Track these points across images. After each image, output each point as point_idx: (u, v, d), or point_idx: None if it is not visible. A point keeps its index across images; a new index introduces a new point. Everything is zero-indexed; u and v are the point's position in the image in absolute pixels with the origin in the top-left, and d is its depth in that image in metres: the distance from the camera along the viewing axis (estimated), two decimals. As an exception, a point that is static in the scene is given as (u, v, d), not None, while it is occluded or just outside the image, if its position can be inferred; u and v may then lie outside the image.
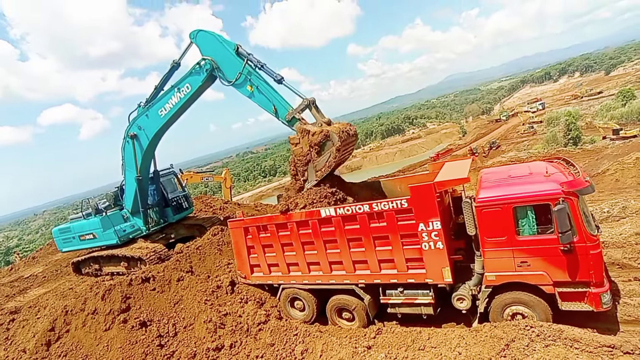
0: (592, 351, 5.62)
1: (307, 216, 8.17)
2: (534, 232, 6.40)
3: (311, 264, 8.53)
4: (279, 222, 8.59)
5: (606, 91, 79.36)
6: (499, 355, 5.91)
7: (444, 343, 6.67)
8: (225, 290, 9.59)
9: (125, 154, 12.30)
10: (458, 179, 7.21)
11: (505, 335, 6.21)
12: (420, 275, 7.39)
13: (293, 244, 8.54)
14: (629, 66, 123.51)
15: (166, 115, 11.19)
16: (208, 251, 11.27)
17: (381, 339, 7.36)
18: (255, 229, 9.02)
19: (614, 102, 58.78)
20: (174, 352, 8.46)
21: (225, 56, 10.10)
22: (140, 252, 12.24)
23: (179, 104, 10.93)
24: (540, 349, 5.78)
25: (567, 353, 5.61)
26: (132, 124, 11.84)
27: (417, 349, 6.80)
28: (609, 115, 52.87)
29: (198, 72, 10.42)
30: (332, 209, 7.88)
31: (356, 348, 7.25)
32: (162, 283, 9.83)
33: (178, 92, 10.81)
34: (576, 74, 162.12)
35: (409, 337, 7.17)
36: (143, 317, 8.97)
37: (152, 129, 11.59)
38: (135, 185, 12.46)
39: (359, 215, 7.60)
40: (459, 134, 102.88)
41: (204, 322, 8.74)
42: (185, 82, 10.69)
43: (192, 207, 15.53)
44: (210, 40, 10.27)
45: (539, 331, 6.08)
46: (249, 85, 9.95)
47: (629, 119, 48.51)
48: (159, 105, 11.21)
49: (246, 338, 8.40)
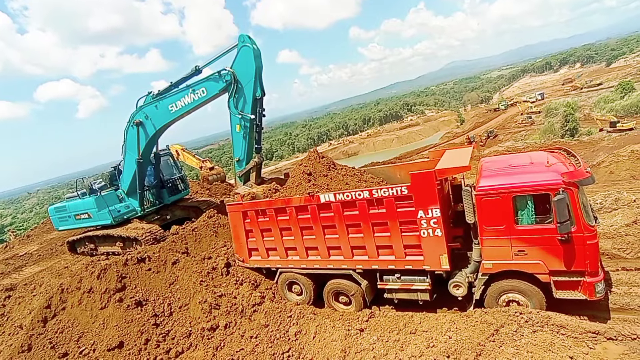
0: (577, 337, 5.78)
1: (307, 201, 8.16)
2: (532, 221, 6.43)
3: (309, 249, 8.56)
4: (278, 206, 8.59)
5: (606, 83, 79.08)
6: (488, 340, 6.06)
7: (435, 327, 6.82)
8: (221, 272, 9.68)
9: (127, 137, 12.20)
10: (459, 167, 7.18)
11: (495, 320, 6.36)
12: (418, 262, 7.45)
13: (292, 228, 8.53)
14: (630, 58, 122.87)
15: (176, 112, 11.15)
16: (204, 233, 11.31)
17: (374, 322, 7.51)
18: (254, 213, 8.99)
19: (613, 94, 58.67)
20: (169, 331, 8.60)
21: (247, 92, 10.06)
22: (136, 233, 12.26)
23: (191, 105, 10.85)
24: (529, 334, 5.93)
25: (554, 339, 5.76)
26: (139, 111, 11.71)
27: (408, 333, 6.95)
28: (607, 108, 52.83)
29: (217, 80, 10.27)
30: (331, 195, 7.87)
31: (349, 330, 7.40)
32: (157, 263, 9.90)
33: (193, 93, 10.69)
34: (577, 64, 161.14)
35: (401, 321, 7.32)
36: (138, 296, 9.07)
37: (160, 121, 11.55)
38: (135, 167, 12.40)
39: (358, 201, 7.58)
40: (457, 122, 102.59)
41: (199, 303, 8.85)
42: (202, 85, 10.54)
43: (188, 189, 15.49)
44: (249, 62, 9.91)
45: (528, 317, 6.22)
46: (239, 125, 10.29)
47: (627, 112, 48.56)
48: (171, 100, 11.10)
49: (241, 319, 8.54)
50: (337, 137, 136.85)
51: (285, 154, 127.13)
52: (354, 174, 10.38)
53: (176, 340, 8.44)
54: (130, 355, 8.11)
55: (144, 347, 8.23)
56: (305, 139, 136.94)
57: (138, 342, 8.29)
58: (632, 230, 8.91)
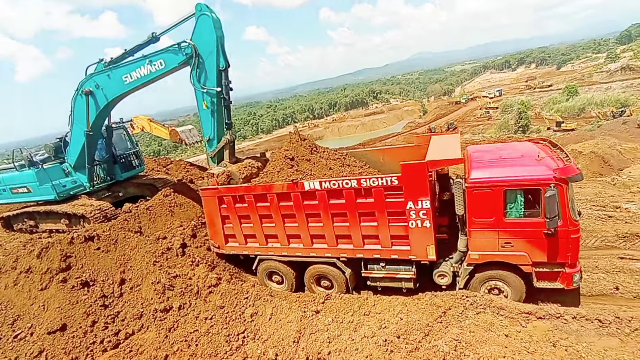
0: (513, 317, 6.36)
1: (289, 188, 7.82)
2: (520, 214, 6.55)
3: (291, 237, 8.30)
4: (258, 192, 8.21)
5: (555, 85, 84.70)
6: (436, 321, 6.45)
7: (387, 309, 7.12)
8: (176, 253, 9.38)
9: (75, 107, 11.20)
10: (451, 159, 7.11)
11: (444, 303, 6.77)
12: (404, 252, 7.41)
13: (272, 215, 8.21)
14: (576, 64, 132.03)
15: (131, 84, 10.26)
16: (159, 212, 10.85)
17: (329, 304, 7.69)
18: (231, 198, 8.56)
19: (560, 96, 63.23)
20: (119, 313, 8.25)
21: (210, 64, 9.36)
22: (84, 210, 11.47)
23: (147, 77, 10.01)
24: (472, 315, 6.40)
25: (494, 319, 6.28)
26: (89, 79, 10.72)
27: (362, 314, 7.21)
28: (555, 108, 56.99)
29: (176, 52, 9.48)
30: (317, 182, 7.58)
31: (305, 312, 7.53)
32: (107, 242, 9.38)
33: (150, 64, 9.83)
34: (532, 65, 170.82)
35: (356, 303, 7.55)
36: (85, 276, 8.57)
37: (112, 92, 10.63)
38: (84, 139, 11.46)
39: (345, 190, 7.37)
40: (420, 112, 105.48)
41: (152, 284, 8.55)
42: (160, 57, 9.70)
43: (143, 166, 14.69)
44: (209, 32, 9.20)
45: (473, 300, 6.70)
46: (205, 102, 9.61)
47: (571, 113, 52.74)
48: (125, 70, 10.20)
49: (196, 300, 8.38)
50: (303, 120, 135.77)
51: (249, 134, 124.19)
52: (337, 158, 10.08)
53: (126, 322, 8.13)
54: (74, 338, 7.69)
55: (90, 329, 7.84)
56: (270, 120, 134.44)
57: (84, 324, 7.87)
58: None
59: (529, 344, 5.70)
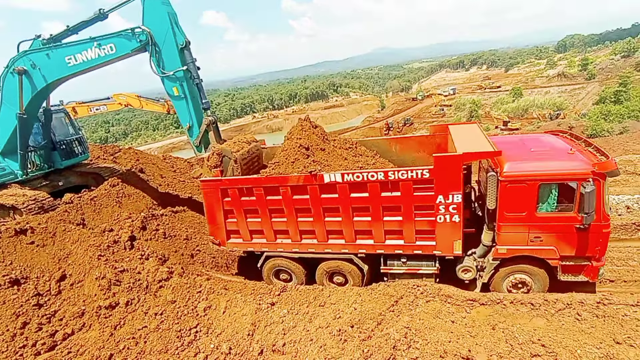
0: (459, 304, 6.74)
1: (306, 181, 7.29)
2: (553, 209, 6.44)
3: (304, 232, 7.84)
4: (270, 185, 7.59)
5: (504, 86, 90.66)
6: (389, 310, 6.68)
7: (342, 300, 7.25)
8: (124, 246, 8.85)
9: (4, 86, 9.99)
10: (489, 151, 6.72)
11: (396, 293, 7.02)
12: (429, 247, 7.19)
13: (285, 210, 7.69)
14: (522, 67, 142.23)
15: (75, 67, 9.30)
16: (105, 203, 10.16)
17: (285, 296, 7.66)
18: (237, 191, 7.90)
19: (507, 97, 67.95)
20: (57, 312, 7.61)
21: (168, 45, 8.68)
22: (14, 200, 10.37)
23: (95, 61, 9.10)
24: (423, 304, 6.71)
25: (442, 307, 6.64)
26: (23, 56, 9.58)
27: (317, 305, 7.27)
28: (502, 108, 61.17)
29: (129, 38, 8.68)
30: (338, 174, 7.10)
31: (260, 305, 7.44)
32: (43, 236, 8.59)
33: (98, 48, 8.93)
34: (484, 66, 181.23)
35: (311, 294, 7.59)
36: (15, 274, 7.78)
37: (52, 74, 9.59)
38: (16, 122, 10.28)
39: (370, 183, 6.94)
40: (378, 107, 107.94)
41: (96, 279, 7.97)
42: (111, 41, 8.86)
43: (87, 153, 13.59)
44: (159, 12, 8.51)
45: (423, 289, 7.01)
46: (175, 88, 8.91)
47: (516, 114, 56.97)
48: (69, 51, 9.22)
49: (145, 295, 7.96)
50: (262, 111, 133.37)
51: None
52: (348, 147, 9.51)
53: (65, 321, 7.51)
54: None
55: (20, 331, 7.10)
56: (227, 109, 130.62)
57: (12, 327, 7.11)
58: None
59: (472, 328, 6.09)
